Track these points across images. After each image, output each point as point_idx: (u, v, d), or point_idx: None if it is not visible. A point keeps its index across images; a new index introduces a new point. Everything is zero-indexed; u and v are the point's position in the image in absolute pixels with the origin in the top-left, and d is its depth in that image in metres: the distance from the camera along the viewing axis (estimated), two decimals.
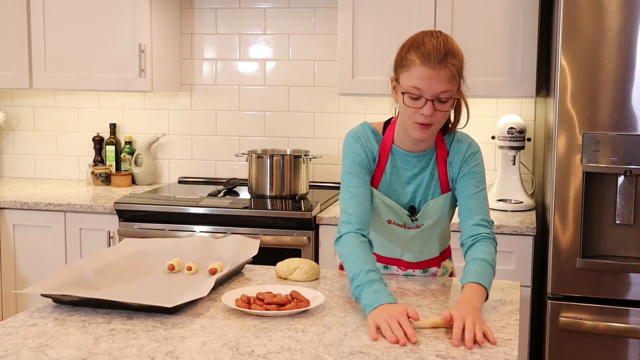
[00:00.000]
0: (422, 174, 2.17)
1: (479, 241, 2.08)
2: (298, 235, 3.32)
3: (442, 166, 2.17)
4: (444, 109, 2.03)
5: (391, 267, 2.27)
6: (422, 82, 1.99)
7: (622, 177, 2.90)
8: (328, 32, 3.91)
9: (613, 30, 2.82)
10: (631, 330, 2.92)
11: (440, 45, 1.99)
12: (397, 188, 2.17)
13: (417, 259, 2.26)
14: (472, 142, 2.20)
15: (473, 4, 3.41)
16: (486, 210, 2.15)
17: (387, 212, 2.17)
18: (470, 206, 2.13)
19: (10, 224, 3.66)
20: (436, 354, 1.66)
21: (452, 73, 2.00)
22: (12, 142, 4.38)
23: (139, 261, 2.25)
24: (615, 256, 2.96)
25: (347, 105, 3.92)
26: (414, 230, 2.20)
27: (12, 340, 1.73)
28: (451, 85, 2.01)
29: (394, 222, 2.19)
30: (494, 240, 2.11)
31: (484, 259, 2.02)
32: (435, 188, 2.17)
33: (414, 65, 2.00)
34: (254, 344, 1.71)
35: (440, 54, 1.98)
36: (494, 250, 2.08)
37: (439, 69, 1.98)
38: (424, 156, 2.17)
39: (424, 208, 2.17)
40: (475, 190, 2.14)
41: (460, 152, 2.16)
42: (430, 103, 2.00)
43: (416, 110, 2.02)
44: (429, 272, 2.29)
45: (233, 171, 4.10)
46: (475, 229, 2.10)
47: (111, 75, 3.82)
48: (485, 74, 3.40)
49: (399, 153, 2.17)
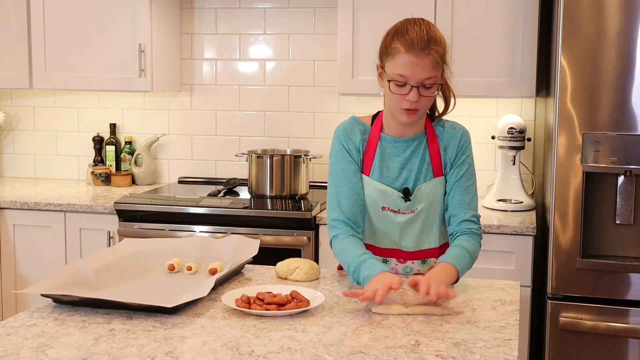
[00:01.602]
0: (413, 159, 2.23)
1: (466, 234, 2.20)
2: (298, 235, 3.32)
3: (434, 150, 2.23)
4: (429, 94, 2.12)
5: (390, 260, 2.27)
6: (407, 70, 2.08)
7: (622, 177, 2.91)
8: (328, 32, 3.91)
9: (613, 30, 2.82)
10: (631, 330, 2.92)
11: (423, 33, 2.08)
12: (389, 174, 2.23)
13: (415, 247, 2.26)
14: (464, 129, 2.28)
15: (473, 4, 3.41)
16: (476, 205, 2.25)
17: (381, 198, 2.22)
18: (463, 199, 2.22)
19: (10, 224, 3.66)
20: (436, 354, 1.66)
21: (436, 59, 2.08)
22: (12, 142, 4.38)
23: (139, 261, 2.25)
24: (615, 256, 2.96)
25: (347, 105, 3.92)
26: (409, 215, 2.23)
27: (12, 340, 1.73)
28: (435, 71, 2.09)
29: (388, 209, 2.22)
30: (480, 237, 2.23)
31: (465, 247, 2.15)
32: (427, 172, 2.23)
33: (399, 53, 2.08)
34: (254, 344, 1.71)
35: (423, 42, 2.07)
36: (479, 245, 2.21)
37: (423, 56, 2.07)
38: (413, 140, 2.23)
39: (417, 191, 2.22)
40: (468, 183, 2.23)
41: (456, 137, 2.25)
42: (416, 89, 2.09)
43: (402, 96, 2.11)
44: (428, 263, 2.29)
45: (233, 171, 4.10)
46: (466, 225, 2.20)
47: (111, 75, 3.82)
48: (485, 74, 3.41)
49: (388, 140, 2.24)
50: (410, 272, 2.27)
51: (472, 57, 3.42)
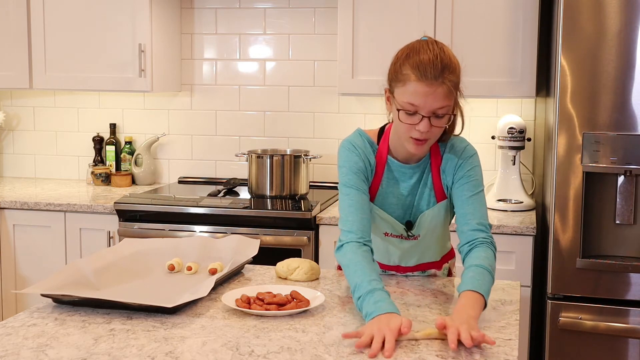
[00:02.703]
0: (418, 185, 2.13)
1: (476, 247, 2.01)
2: (298, 235, 3.32)
3: (436, 174, 2.12)
4: (441, 124, 1.97)
5: (389, 272, 2.28)
6: (418, 99, 1.92)
7: (622, 177, 2.90)
8: (328, 32, 3.91)
9: (613, 30, 2.82)
10: (631, 330, 2.92)
11: (437, 60, 1.91)
12: (394, 200, 2.14)
13: (416, 263, 2.26)
14: (466, 147, 2.13)
15: (473, 4, 3.41)
16: (482, 213, 2.07)
17: (384, 225, 2.16)
18: (466, 211, 2.06)
19: (10, 224, 3.66)
20: (436, 354, 1.66)
21: (449, 89, 1.92)
22: (12, 142, 4.38)
23: (138, 261, 2.25)
24: (615, 256, 2.96)
25: (347, 105, 3.92)
26: (412, 241, 2.19)
27: (12, 340, 1.73)
28: (448, 100, 1.94)
29: (391, 234, 2.17)
30: (492, 245, 2.04)
31: (480, 264, 1.95)
32: (430, 197, 2.13)
33: (410, 80, 1.92)
34: (254, 344, 1.71)
35: (437, 70, 1.90)
36: (493, 255, 2.01)
37: (436, 86, 1.90)
38: (418, 166, 2.12)
39: (420, 219, 2.14)
40: (470, 194, 2.07)
41: (453, 159, 2.10)
42: (427, 119, 1.93)
43: (412, 126, 1.96)
44: (428, 273, 2.29)
45: (233, 171, 4.10)
46: (472, 234, 2.04)
47: (111, 75, 3.82)
48: (485, 74, 3.41)
49: (395, 165, 2.13)
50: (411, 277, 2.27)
51: (472, 57, 3.41)
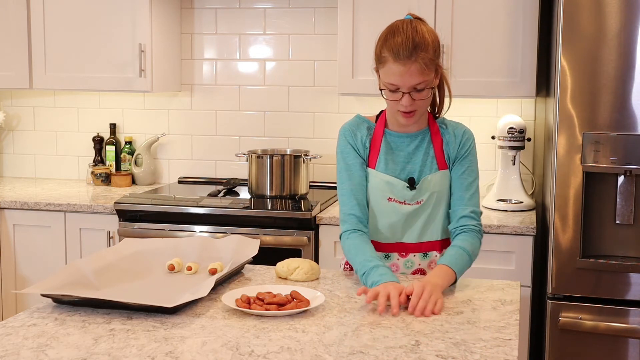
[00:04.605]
0: (418, 152, 2.26)
1: (465, 232, 2.22)
2: (298, 235, 3.32)
3: (438, 146, 2.27)
4: (422, 97, 2.15)
5: (392, 254, 2.29)
6: (396, 78, 2.11)
7: (622, 177, 2.91)
8: (328, 32, 3.91)
9: (613, 30, 2.82)
10: (631, 330, 2.92)
11: (408, 40, 2.09)
12: (394, 166, 2.26)
13: (417, 239, 2.28)
14: (467, 129, 2.31)
15: (473, 4, 3.41)
16: (477, 201, 2.27)
17: (387, 189, 2.24)
18: (463, 195, 2.25)
19: (10, 224, 3.66)
20: (436, 354, 1.66)
21: (422, 66, 2.09)
22: (12, 142, 4.38)
23: (138, 261, 2.25)
24: (615, 256, 2.96)
25: (347, 105, 3.92)
26: (415, 206, 2.25)
27: (12, 340, 1.73)
28: (424, 76, 2.11)
29: (394, 200, 2.25)
30: (480, 233, 2.25)
31: (463, 247, 2.17)
32: (432, 164, 2.26)
33: (387, 62, 2.11)
34: (254, 344, 1.71)
35: (408, 50, 2.08)
36: (478, 243, 2.23)
37: (410, 64, 2.08)
38: (417, 135, 2.27)
39: (423, 181, 2.25)
40: (469, 180, 2.26)
41: (457, 135, 2.27)
42: (408, 95, 2.12)
43: (397, 101, 2.15)
44: (429, 257, 2.29)
45: (233, 171, 4.10)
46: (465, 220, 2.23)
47: (111, 75, 3.83)
48: (485, 74, 3.41)
49: (392, 135, 2.28)
50: (411, 267, 2.29)
51: (472, 57, 3.42)
